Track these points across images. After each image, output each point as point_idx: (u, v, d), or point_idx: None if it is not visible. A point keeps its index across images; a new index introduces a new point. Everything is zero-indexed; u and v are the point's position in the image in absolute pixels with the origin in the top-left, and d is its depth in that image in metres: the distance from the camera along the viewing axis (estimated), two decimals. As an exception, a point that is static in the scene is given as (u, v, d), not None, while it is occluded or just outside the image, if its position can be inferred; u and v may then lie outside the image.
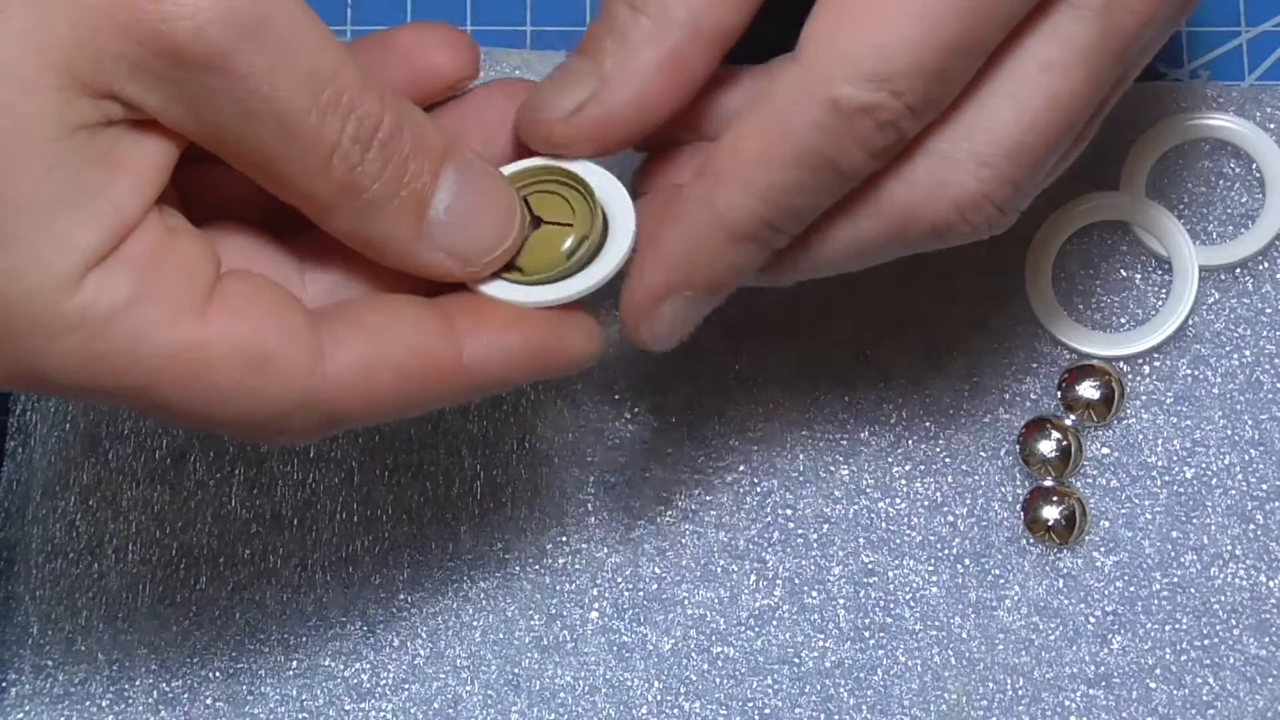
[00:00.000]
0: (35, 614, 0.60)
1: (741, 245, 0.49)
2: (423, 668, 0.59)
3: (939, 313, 0.61)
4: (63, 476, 0.61)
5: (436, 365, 0.48)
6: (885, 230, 0.49)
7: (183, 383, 0.46)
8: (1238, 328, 0.60)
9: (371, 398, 0.48)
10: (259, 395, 0.47)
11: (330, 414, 0.48)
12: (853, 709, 0.58)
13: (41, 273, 0.45)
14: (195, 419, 0.47)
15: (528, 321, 0.49)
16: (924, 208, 0.49)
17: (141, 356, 0.46)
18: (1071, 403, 0.59)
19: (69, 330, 0.45)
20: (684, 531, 0.60)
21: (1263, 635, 0.58)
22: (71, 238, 0.45)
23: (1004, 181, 0.49)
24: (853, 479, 0.60)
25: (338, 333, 0.48)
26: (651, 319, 0.50)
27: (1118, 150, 0.61)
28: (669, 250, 0.49)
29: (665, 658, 0.59)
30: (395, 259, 0.49)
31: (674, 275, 0.49)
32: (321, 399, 0.47)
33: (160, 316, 0.46)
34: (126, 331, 0.45)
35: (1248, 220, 0.61)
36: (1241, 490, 0.59)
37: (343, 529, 0.60)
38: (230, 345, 0.46)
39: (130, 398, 0.47)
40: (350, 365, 0.47)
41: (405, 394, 0.48)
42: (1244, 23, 0.63)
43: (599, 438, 0.61)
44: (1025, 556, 0.59)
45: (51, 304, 0.45)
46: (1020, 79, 0.48)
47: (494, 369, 0.49)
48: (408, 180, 0.47)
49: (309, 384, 0.47)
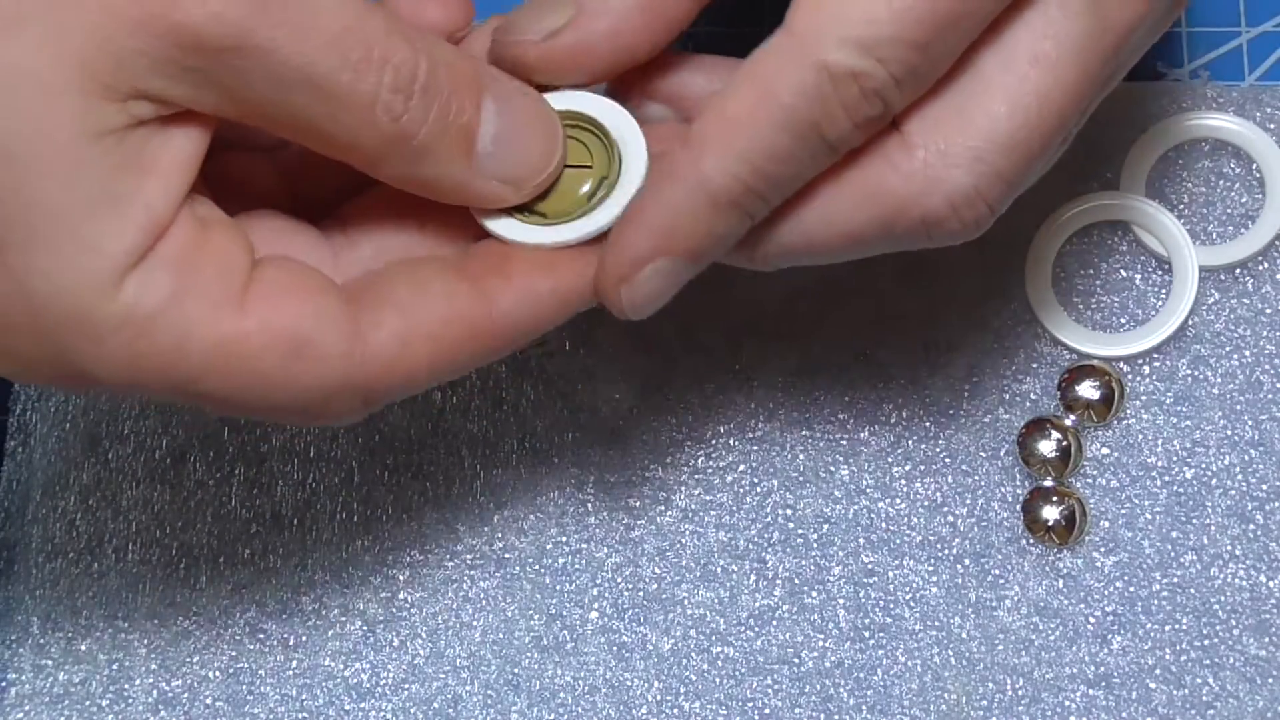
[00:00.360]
0: (35, 614, 0.60)
1: (724, 212, 0.48)
2: (423, 668, 0.59)
3: (939, 313, 0.61)
4: (63, 476, 0.61)
5: (471, 329, 0.49)
6: (875, 219, 0.49)
7: (227, 375, 0.46)
8: (1238, 328, 0.60)
9: (411, 371, 0.48)
10: (301, 381, 0.47)
11: (371, 392, 0.48)
12: (853, 709, 0.58)
13: (80, 279, 0.45)
14: (241, 408, 0.48)
15: (554, 266, 0.49)
16: (917, 200, 0.49)
17: (186, 353, 0.46)
18: (1071, 403, 0.59)
19: (113, 332, 0.45)
20: (684, 531, 0.60)
21: (1263, 635, 0.58)
22: (106, 243, 0.45)
23: (998, 178, 0.49)
24: (853, 479, 0.60)
25: (370, 312, 0.48)
26: (631, 286, 0.49)
27: (1118, 150, 0.61)
28: (650, 215, 0.49)
29: (665, 658, 0.59)
30: (450, 195, 0.49)
31: (655, 241, 0.49)
32: (362, 379, 0.48)
33: (201, 312, 0.46)
34: (169, 330, 0.46)
35: (1248, 220, 0.61)
36: (1241, 490, 0.59)
37: (343, 529, 0.60)
38: (270, 334, 0.46)
39: (177, 393, 0.47)
40: (386, 343, 0.48)
41: (443, 362, 0.49)
42: (1244, 23, 0.63)
43: (599, 438, 0.61)
44: (1025, 556, 0.59)
45: (93, 308, 0.45)
46: (1011, 73, 0.48)
47: (527, 319, 0.49)
48: (452, 118, 0.47)
49: (348, 366, 0.47)
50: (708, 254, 0.49)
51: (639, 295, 0.49)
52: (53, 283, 0.45)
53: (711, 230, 0.49)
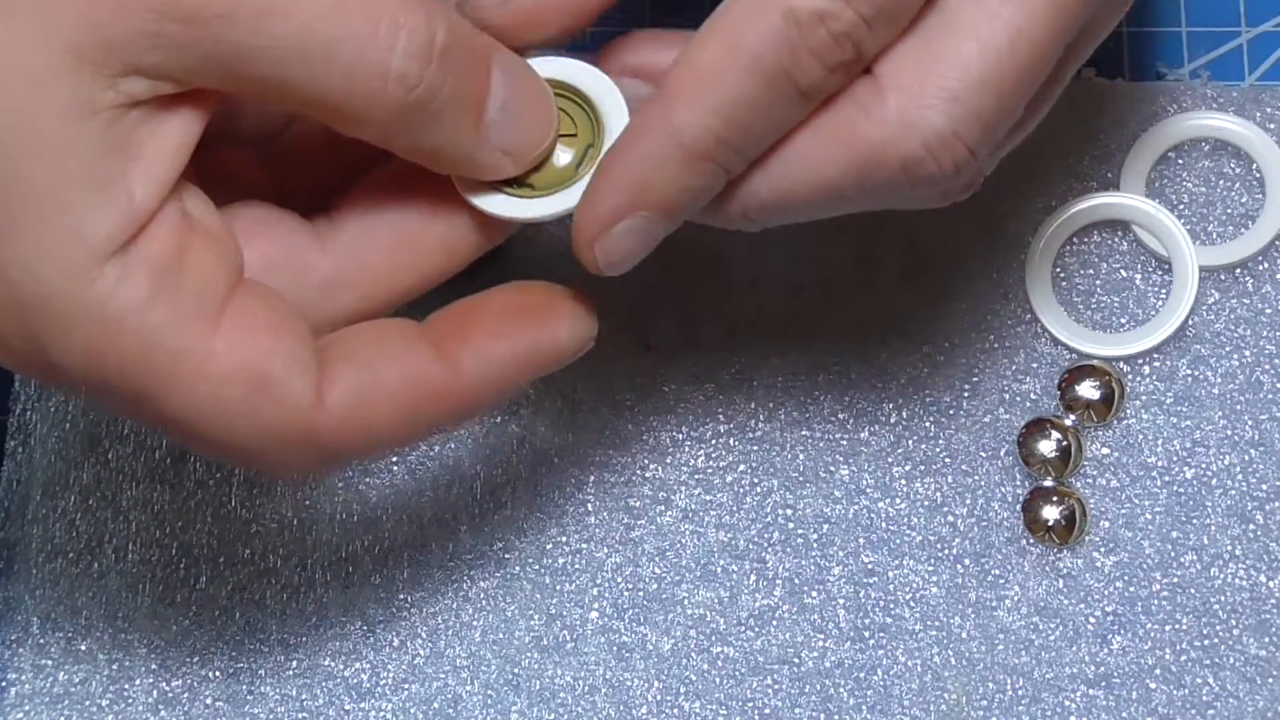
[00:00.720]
0: (35, 614, 0.60)
1: (698, 165, 0.48)
2: (423, 668, 0.59)
3: (939, 313, 0.61)
4: (63, 476, 0.61)
5: (432, 390, 0.48)
6: (850, 167, 0.48)
7: (186, 392, 0.46)
8: (1238, 328, 0.60)
9: (369, 430, 0.48)
10: (258, 419, 0.47)
11: (329, 449, 0.48)
12: (853, 709, 0.58)
13: (56, 263, 0.45)
14: (201, 438, 0.47)
15: (511, 324, 0.49)
16: (892, 145, 0.48)
17: (151, 361, 0.46)
18: (1071, 403, 0.59)
19: (85, 323, 0.45)
20: (684, 531, 0.60)
21: (1263, 635, 0.58)
22: (85, 228, 0.45)
23: (975, 119, 0.48)
24: (853, 479, 0.60)
25: (329, 368, 0.47)
26: (605, 242, 0.49)
27: (1118, 150, 0.61)
28: (623, 170, 0.48)
29: (665, 658, 0.59)
30: (454, 165, 0.48)
31: (629, 196, 0.48)
32: (321, 433, 0.47)
33: (173, 322, 0.46)
34: (140, 332, 0.45)
35: (1248, 220, 0.61)
36: (1241, 490, 0.59)
37: (343, 529, 0.60)
38: (236, 362, 0.46)
39: (136, 404, 0.47)
40: (343, 399, 0.47)
41: (403, 423, 0.48)
42: (1244, 23, 0.63)
43: (599, 438, 0.61)
44: (1025, 556, 0.59)
45: (67, 295, 0.45)
46: (983, 9, 0.47)
47: (491, 382, 0.49)
48: (467, 86, 0.47)
49: (308, 417, 0.47)
50: (682, 209, 0.49)
51: (613, 252, 0.49)
52: (28, 265, 0.44)
53: (685, 184, 0.48)
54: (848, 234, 0.61)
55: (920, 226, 0.61)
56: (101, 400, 0.48)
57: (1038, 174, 0.61)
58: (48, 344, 0.45)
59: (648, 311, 0.61)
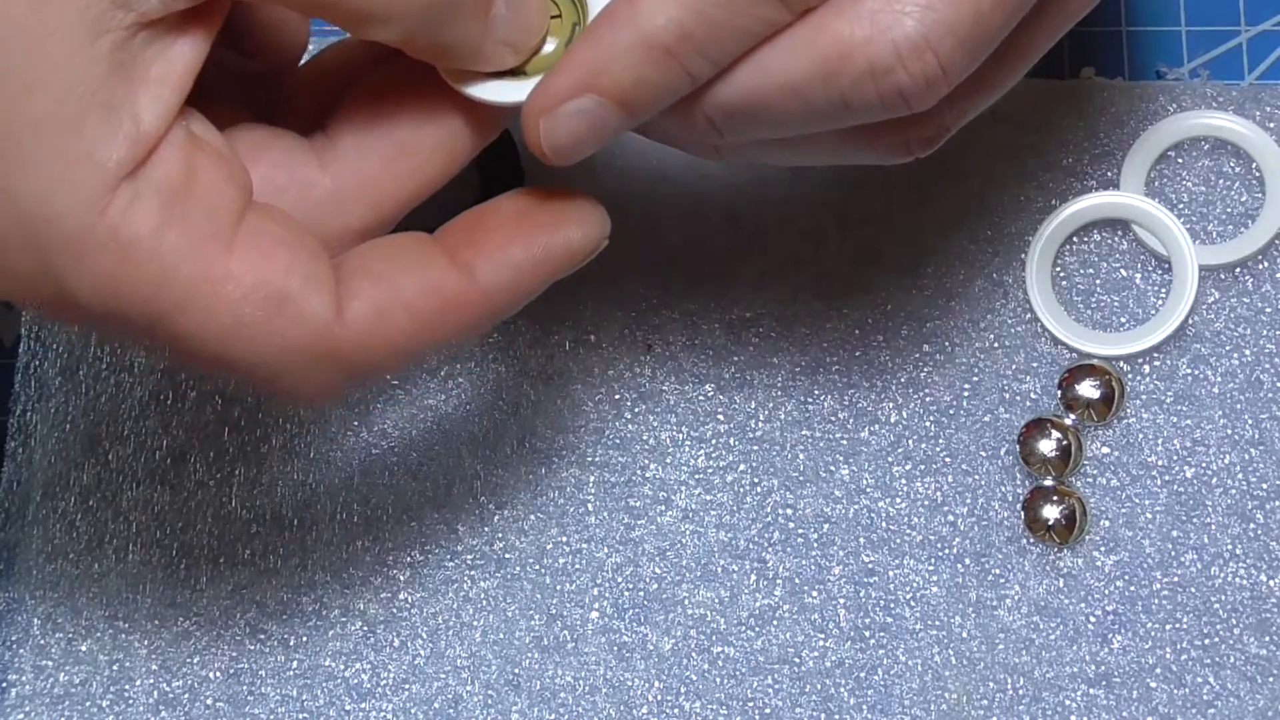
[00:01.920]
0: (36, 614, 0.60)
1: (658, 59, 0.47)
2: (423, 668, 0.59)
3: (939, 313, 0.61)
4: (63, 477, 0.61)
5: (449, 300, 0.48)
6: (818, 67, 0.47)
7: (204, 315, 0.46)
8: (1238, 327, 0.60)
9: (390, 343, 0.48)
10: (278, 338, 0.46)
11: (350, 365, 0.47)
12: (853, 709, 0.58)
13: (67, 190, 0.44)
14: (214, 359, 0.47)
15: (524, 228, 0.49)
16: (862, 46, 0.47)
17: (168, 284, 0.45)
18: (1071, 402, 0.59)
19: (99, 250, 0.45)
20: (684, 531, 0.60)
21: (1263, 634, 0.58)
22: (95, 154, 0.44)
23: (949, 31, 0.47)
24: (853, 479, 0.60)
25: (347, 283, 0.47)
26: (550, 120, 0.48)
27: (1118, 149, 0.61)
28: (581, 52, 0.48)
29: (665, 658, 0.59)
30: (461, 59, 0.48)
31: (582, 77, 0.47)
32: (341, 350, 0.47)
33: (187, 246, 0.45)
34: (154, 257, 0.45)
35: (1248, 220, 0.61)
36: (1242, 489, 0.59)
37: (343, 529, 0.60)
38: (254, 282, 0.46)
39: (152, 329, 0.46)
40: (364, 312, 0.47)
41: (423, 333, 0.48)
42: (1244, 22, 0.63)
43: (599, 438, 0.61)
44: (1025, 556, 0.59)
45: (80, 222, 0.44)
46: None
47: (507, 287, 0.49)
48: None
49: (329, 333, 0.47)
50: (637, 103, 0.48)
51: (558, 132, 0.48)
52: (39, 193, 0.44)
53: (642, 75, 0.47)
54: (848, 234, 0.61)
55: (920, 226, 0.61)
56: (112, 329, 0.47)
57: (1038, 174, 0.61)
58: (60, 273, 0.45)
59: (648, 311, 0.61)
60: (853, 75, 0.47)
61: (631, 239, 0.61)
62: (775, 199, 0.62)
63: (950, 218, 0.61)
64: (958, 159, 0.61)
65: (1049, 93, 0.62)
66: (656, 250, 0.61)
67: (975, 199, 0.61)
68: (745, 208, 0.62)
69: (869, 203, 0.61)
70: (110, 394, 0.61)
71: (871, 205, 0.61)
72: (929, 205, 0.61)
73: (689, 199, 0.62)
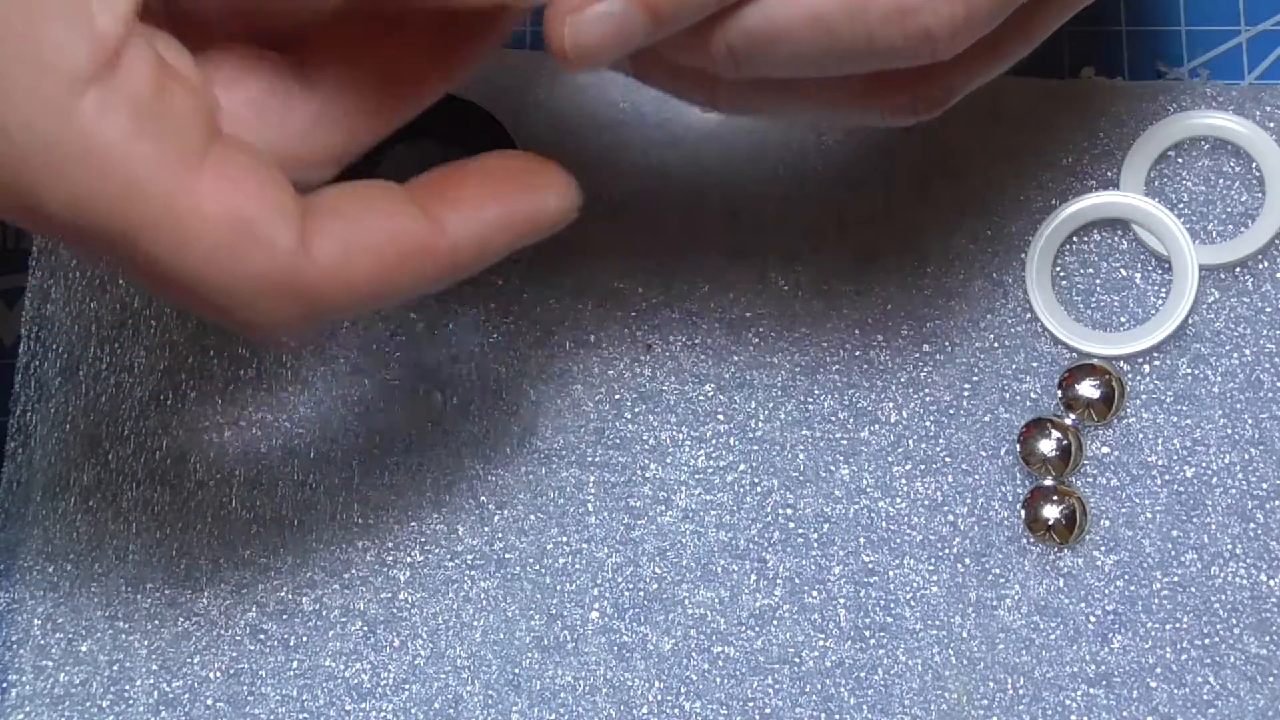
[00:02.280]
0: (36, 615, 0.60)
1: None
2: (423, 668, 0.59)
3: (939, 313, 0.61)
4: (63, 477, 0.61)
5: (415, 245, 0.48)
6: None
7: (170, 234, 0.46)
8: (1238, 327, 0.60)
9: (353, 282, 0.47)
10: (241, 264, 0.46)
11: (312, 301, 0.47)
12: (853, 709, 0.58)
13: (34, 97, 0.44)
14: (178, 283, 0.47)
15: (500, 188, 0.49)
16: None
17: (137, 197, 0.45)
18: (1071, 402, 0.59)
19: (70, 159, 0.45)
20: (684, 531, 0.60)
21: (1263, 634, 0.58)
22: (54, 58, 0.44)
23: None
24: (853, 479, 0.60)
25: (315, 219, 0.47)
26: (577, 21, 0.47)
27: (1117, 149, 0.61)
28: None
29: (665, 658, 0.59)
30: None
31: None
32: (303, 283, 0.47)
33: (158, 159, 0.45)
34: (125, 166, 0.45)
35: (1248, 219, 0.61)
36: (1242, 489, 0.59)
37: (343, 529, 0.60)
38: (221, 205, 0.46)
39: (119, 245, 0.46)
40: (329, 249, 0.47)
41: (386, 278, 0.48)
42: (1244, 22, 0.63)
43: (599, 438, 0.61)
44: (1025, 556, 0.59)
45: (47, 130, 0.44)
46: None
47: (474, 243, 0.49)
48: None
49: (293, 265, 0.46)
50: (666, 11, 0.47)
51: (583, 33, 0.47)
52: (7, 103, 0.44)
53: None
54: (848, 234, 0.61)
55: (920, 226, 0.61)
56: (84, 246, 0.47)
57: (1038, 174, 0.61)
58: (33, 184, 0.45)
59: (648, 311, 0.61)
60: (880, 10, 0.47)
61: (631, 239, 0.61)
62: (775, 198, 0.62)
63: (950, 218, 0.61)
64: (958, 159, 0.61)
65: (1049, 92, 0.62)
66: (656, 250, 0.61)
67: (975, 199, 0.61)
68: (745, 207, 0.62)
69: (869, 203, 0.62)
70: (110, 394, 0.61)
71: (871, 205, 0.61)
72: (929, 205, 0.61)
73: (689, 198, 0.62)
